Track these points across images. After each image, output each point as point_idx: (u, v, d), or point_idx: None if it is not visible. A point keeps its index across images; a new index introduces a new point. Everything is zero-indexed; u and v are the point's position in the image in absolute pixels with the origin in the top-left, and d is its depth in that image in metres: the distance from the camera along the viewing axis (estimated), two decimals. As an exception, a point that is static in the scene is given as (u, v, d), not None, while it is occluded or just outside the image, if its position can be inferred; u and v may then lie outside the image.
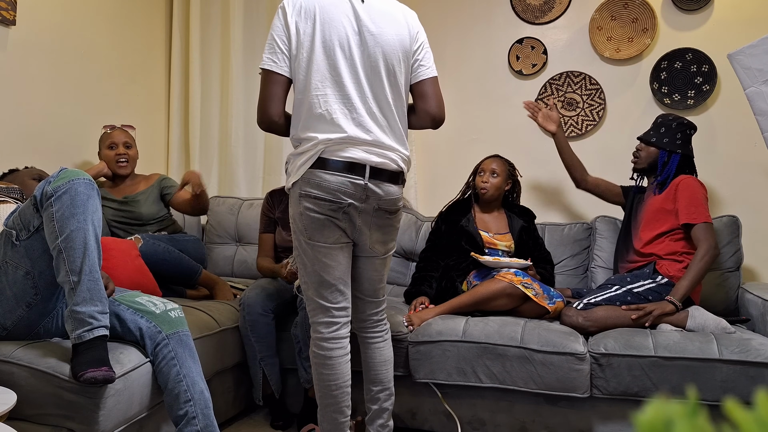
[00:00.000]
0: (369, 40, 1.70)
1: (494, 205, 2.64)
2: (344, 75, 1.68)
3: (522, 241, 2.57)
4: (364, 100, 1.70)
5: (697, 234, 2.28)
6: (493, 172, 2.58)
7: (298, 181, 1.70)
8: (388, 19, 1.74)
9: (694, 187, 2.34)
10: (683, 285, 2.19)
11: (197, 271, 2.52)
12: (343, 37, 1.69)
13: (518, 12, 3.13)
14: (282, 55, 1.70)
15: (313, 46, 1.68)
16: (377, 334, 1.92)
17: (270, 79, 1.71)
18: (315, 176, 1.67)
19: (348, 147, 1.68)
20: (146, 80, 3.32)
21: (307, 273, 1.75)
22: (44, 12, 2.65)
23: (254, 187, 3.41)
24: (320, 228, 1.70)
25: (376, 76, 1.71)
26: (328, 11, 1.69)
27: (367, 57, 1.71)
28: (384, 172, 1.72)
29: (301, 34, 1.68)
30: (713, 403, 1.95)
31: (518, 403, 2.15)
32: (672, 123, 2.45)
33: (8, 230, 1.63)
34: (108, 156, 2.74)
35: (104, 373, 1.47)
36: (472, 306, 2.30)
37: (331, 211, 1.69)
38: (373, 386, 1.90)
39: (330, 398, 1.76)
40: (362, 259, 1.84)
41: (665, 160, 2.43)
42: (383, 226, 1.79)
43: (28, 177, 2.30)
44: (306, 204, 1.68)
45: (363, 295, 1.89)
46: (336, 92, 1.68)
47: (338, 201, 1.68)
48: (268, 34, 1.73)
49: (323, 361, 1.75)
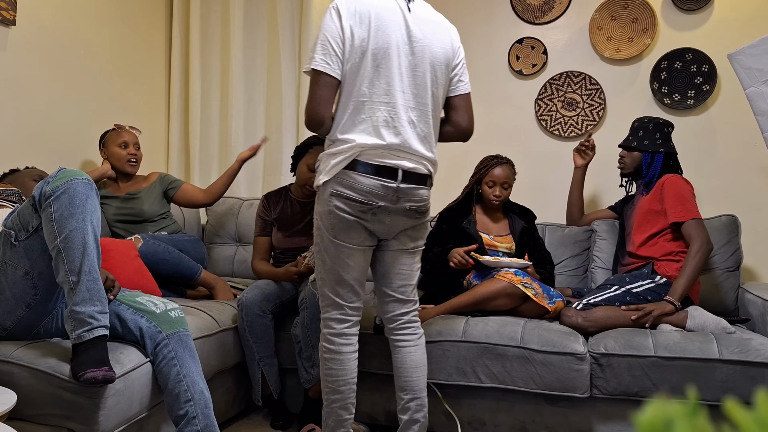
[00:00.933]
0: (417, 50, 1.73)
1: (497, 208, 2.64)
2: (392, 82, 1.70)
3: (523, 242, 2.57)
4: (406, 108, 1.72)
5: (688, 231, 2.29)
6: (503, 183, 2.55)
7: (329, 180, 1.71)
8: (434, 29, 1.78)
9: (679, 185, 2.35)
10: (680, 284, 2.20)
11: (197, 271, 2.52)
12: (393, 45, 1.70)
13: (518, 12, 3.13)
14: (335, 57, 1.68)
15: (366, 51, 1.68)
16: (407, 336, 1.87)
17: (321, 80, 1.69)
18: (348, 177, 1.69)
19: (383, 153, 1.70)
20: (146, 80, 3.32)
21: (326, 270, 1.77)
22: (44, 12, 2.65)
23: (254, 187, 3.41)
24: (347, 228, 1.72)
25: (421, 84, 1.74)
26: (382, 17, 1.70)
27: (415, 66, 1.73)
28: (415, 176, 1.75)
29: (355, 38, 1.68)
30: (713, 403, 1.95)
31: (518, 403, 2.15)
32: (649, 124, 2.48)
33: (7, 231, 1.63)
34: (119, 154, 2.73)
35: (104, 373, 1.47)
36: (472, 306, 2.30)
37: (361, 212, 1.71)
38: (403, 394, 1.84)
39: (337, 394, 1.78)
40: (390, 254, 1.83)
41: (649, 161, 2.47)
42: (413, 225, 1.82)
43: (28, 178, 2.30)
44: (336, 203, 1.70)
45: (392, 293, 1.85)
46: (381, 98, 1.70)
47: (369, 203, 1.70)
48: (319, 31, 1.70)
49: (333, 356, 1.78)
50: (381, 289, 1.87)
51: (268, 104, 3.40)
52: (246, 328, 2.23)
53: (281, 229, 2.52)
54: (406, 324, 1.87)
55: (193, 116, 3.40)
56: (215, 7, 3.42)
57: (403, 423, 1.84)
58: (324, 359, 1.80)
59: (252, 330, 2.23)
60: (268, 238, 2.54)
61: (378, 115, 1.69)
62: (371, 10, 1.69)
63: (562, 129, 3.07)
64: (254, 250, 2.55)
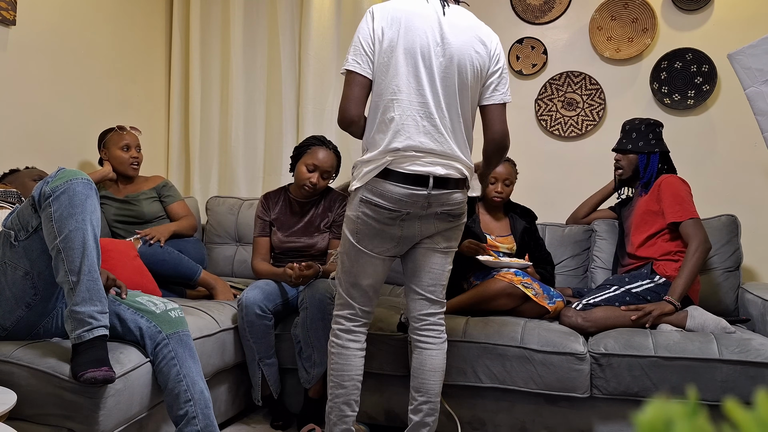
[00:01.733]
0: (448, 52, 1.72)
1: (498, 207, 2.64)
2: (421, 82, 1.71)
3: (524, 243, 2.57)
4: (437, 107, 1.72)
5: (686, 230, 2.29)
6: (505, 180, 2.56)
7: (360, 186, 1.74)
8: (468, 33, 1.76)
9: (676, 185, 2.36)
10: (679, 284, 2.20)
11: (197, 272, 2.51)
12: (425, 46, 1.70)
13: (518, 12, 3.13)
14: (365, 57, 1.73)
15: (395, 51, 1.70)
16: (430, 338, 1.84)
17: (352, 80, 1.74)
18: (379, 185, 1.71)
19: (414, 159, 1.69)
20: (146, 80, 3.32)
21: (345, 271, 1.81)
22: (44, 12, 2.65)
23: (254, 187, 3.41)
24: (372, 237, 1.75)
25: (451, 86, 1.73)
26: (413, 20, 1.72)
27: (445, 67, 1.72)
28: (449, 181, 1.74)
29: (385, 39, 1.72)
30: (713, 403, 1.95)
31: (518, 403, 2.15)
32: (640, 126, 2.49)
33: (7, 231, 1.63)
34: (121, 157, 2.73)
35: (104, 373, 1.47)
36: (472, 306, 2.30)
37: (390, 219, 1.72)
38: (418, 395, 1.83)
39: (341, 388, 1.81)
40: (422, 251, 1.81)
41: (645, 162, 2.47)
42: (446, 228, 1.80)
43: (28, 178, 2.30)
44: (365, 210, 1.73)
45: (422, 291, 1.83)
46: (411, 98, 1.70)
47: (397, 210, 1.71)
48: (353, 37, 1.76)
49: (339, 350, 1.81)
50: (410, 286, 1.86)
51: (268, 104, 3.40)
52: (246, 328, 2.23)
53: (280, 230, 2.52)
54: (431, 326, 1.85)
55: (193, 116, 3.40)
56: (215, 7, 3.42)
57: (412, 423, 1.84)
58: (331, 354, 1.83)
59: (252, 330, 2.23)
60: (267, 239, 2.54)
61: (407, 113, 1.70)
62: (404, 15, 1.72)
63: (562, 129, 3.07)
64: (254, 250, 2.55)
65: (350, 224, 1.77)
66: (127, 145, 2.74)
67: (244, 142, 3.39)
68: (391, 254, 1.80)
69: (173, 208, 2.79)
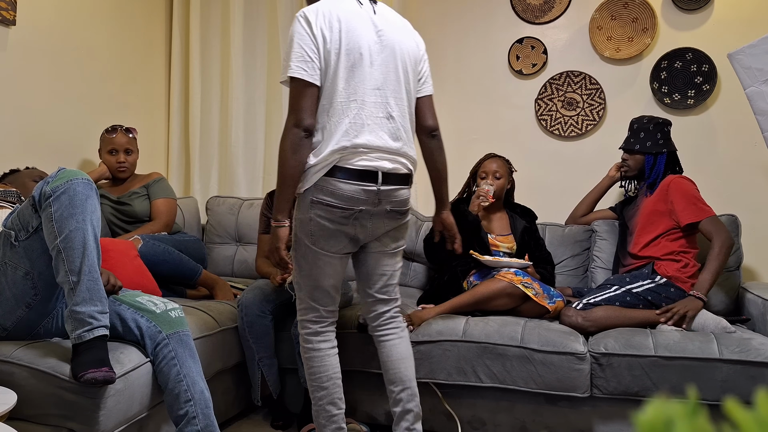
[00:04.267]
0: (388, 49, 1.76)
1: (497, 206, 2.64)
2: (366, 82, 1.71)
3: (524, 242, 2.57)
4: (384, 106, 1.74)
5: (706, 229, 2.28)
6: (495, 173, 2.57)
7: (310, 187, 1.70)
8: (401, 30, 1.83)
9: (686, 186, 2.35)
10: (706, 279, 2.19)
11: (197, 272, 2.51)
12: (365, 45, 1.72)
13: (518, 12, 3.13)
14: (312, 64, 1.68)
15: (339, 53, 1.69)
16: (390, 330, 1.89)
17: (302, 89, 1.67)
18: (329, 184, 1.68)
19: (362, 155, 1.70)
20: (146, 80, 3.32)
21: (304, 275, 1.78)
22: (44, 12, 2.65)
23: (254, 187, 3.41)
24: (327, 237, 1.73)
25: (395, 82, 1.76)
26: (350, 20, 1.72)
27: (387, 64, 1.75)
28: (395, 177, 1.76)
29: (327, 42, 1.69)
30: (713, 403, 1.95)
31: (518, 402, 2.15)
32: (649, 125, 2.48)
33: (7, 231, 1.63)
34: (108, 161, 2.75)
35: (104, 373, 1.47)
36: (472, 305, 2.30)
37: (343, 218, 1.71)
38: (393, 386, 1.86)
39: (322, 390, 1.80)
40: (373, 255, 1.85)
41: (652, 162, 2.47)
42: (394, 227, 1.83)
43: (29, 178, 2.30)
44: (317, 211, 1.70)
45: (375, 293, 1.88)
46: (357, 97, 1.70)
47: (350, 208, 1.70)
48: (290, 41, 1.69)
49: (312, 354, 1.81)
50: (364, 290, 1.90)
51: (268, 104, 3.40)
52: (246, 328, 2.23)
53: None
54: (389, 320, 1.90)
55: (193, 116, 3.40)
56: (215, 7, 3.42)
57: (396, 415, 1.85)
58: (305, 359, 1.82)
59: (252, 330, 2.23)
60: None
61: (355, 113, 1.69)
62: (339, 14, 1.71)
63: (562, 129, 3.07)
64: (258, 248, 2.57)
65: (303, 227, 1.73)
66: (113, 149, 2.73)
67: (244, 142, 3.39)
68: (347, 251, 1.80)
69: (153, 204, 2.75)
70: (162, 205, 2.74)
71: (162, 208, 2.74)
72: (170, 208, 2.77)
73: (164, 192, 2.79)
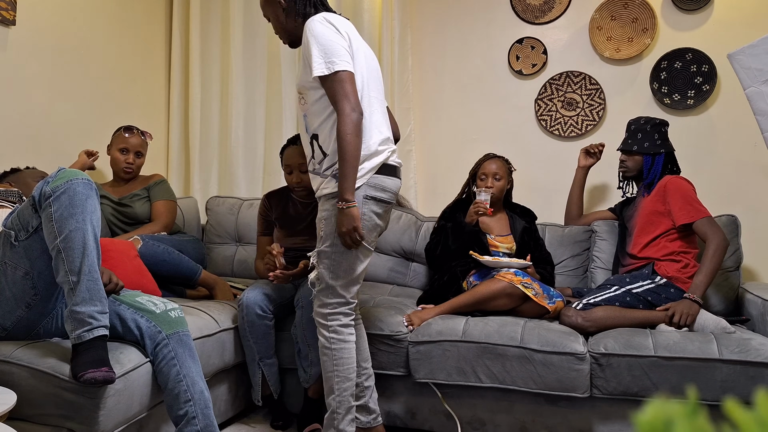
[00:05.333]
0: (370, 55, 1.95)
1: (496, 207, 2.64)
2: (371, 82, 1.89)
3: (524, 242, 2.57)
4: (382, 102, 1.94)
5: (702, 229, 2.28)
6: (495, 174, 2.57)
7: (362, 184, 1.81)
8: None
9: (683, 186, 2.36)
10: (701, 280, 2.19)
11: (197, 272, 2.51)
12: (361, 47, 1.89)
13: (518, 12, 3.13)
14: (349, 56, 1.80)
15: (357, 53, 1.85)
16: (358, 315, 2.06)
17: (349, 78, 1.76)
18: (378, 180, 1.84)
19: (393, 151, 1.90)
20: (146, 80, 3.32)
21: (342, 270, 1.85)
22: (44, 12, 2.65)
23: (254, 187, 3.41)
24: (372, 230, 1.85)
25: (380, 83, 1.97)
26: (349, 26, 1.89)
27: (376, 68, 1.96)
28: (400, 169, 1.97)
29: (347, 41, 1.82)
30: (713, 403, 1.95)
31: (518, 403, 2.15)
32: (646, 126, 2.48)
33: (7, 231, 1.63)
34: (117, 159, 2.75)
35: (104, 373, 1.47)
36: (472, 306, 2.30)
37: (385, 212, 1.88)
38: (365, 363, 2.03)
39: (348, 381, 1.89)
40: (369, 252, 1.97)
41: (650, 163, 2.47)
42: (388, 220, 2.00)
43: (31, 178, 2.30)
44: (370, 206, 1.83)
45: None
46: (373, 95, 1.88)
47: (391, 201, 1.89)
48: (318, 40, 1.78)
49: (342, 345, 1.88)
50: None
51: (268, 104, 3.40)
52: (246, 328, 2.23)
53: (283, 228, 2.52)
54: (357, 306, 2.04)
55: (193, 116, 3.40)
56: (215, 7, 3.42)
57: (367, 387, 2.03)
58: (333, 350, 1.87)
59: (252, 330, 2.23)
60: (269, 238, 2.55)
61: (375, 107, 1.87)
62: (344, 21, 1.88)
63: (562, 129, 3.07)
64: (257, 250, 2.57)
65: None
66: (125, 149, 2.74)
67: (244, 142, 3.39)
68: None
69: (154, 206, 2.75)
70: (162, 206, 2.75)
71: (162, 209, 2.74)
72: (170, 210, 2.77)
73: (165, 194, 2.79)
